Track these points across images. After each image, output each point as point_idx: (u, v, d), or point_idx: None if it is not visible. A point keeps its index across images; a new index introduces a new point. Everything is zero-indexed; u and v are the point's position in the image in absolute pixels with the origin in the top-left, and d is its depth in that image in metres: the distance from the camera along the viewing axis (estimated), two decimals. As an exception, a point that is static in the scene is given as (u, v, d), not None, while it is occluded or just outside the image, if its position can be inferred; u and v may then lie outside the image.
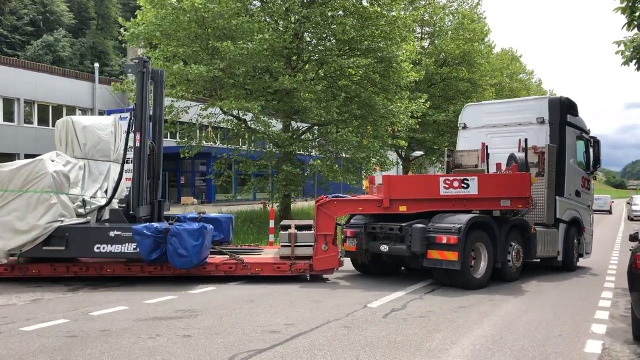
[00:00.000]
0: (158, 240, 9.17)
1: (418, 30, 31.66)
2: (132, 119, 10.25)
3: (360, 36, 18.36)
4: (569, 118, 12.13)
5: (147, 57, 10.97)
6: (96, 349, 5.65)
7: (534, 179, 11.02)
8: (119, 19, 19.75)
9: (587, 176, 12.98)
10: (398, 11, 20.03)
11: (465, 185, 9.87)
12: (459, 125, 13.28)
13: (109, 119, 11.60)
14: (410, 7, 28.34)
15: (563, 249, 11.90)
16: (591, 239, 13.35)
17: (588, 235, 13.02)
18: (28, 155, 28.31)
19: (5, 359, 5.34)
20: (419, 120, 24.42)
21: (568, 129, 12.09)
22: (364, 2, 19.05)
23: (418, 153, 35.75)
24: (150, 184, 10.28)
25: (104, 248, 9.35)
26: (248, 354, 5.56)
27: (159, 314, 7.27)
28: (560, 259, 11.86)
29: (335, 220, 10.12)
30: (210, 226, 9.86)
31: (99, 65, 34.49)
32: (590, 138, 13.00)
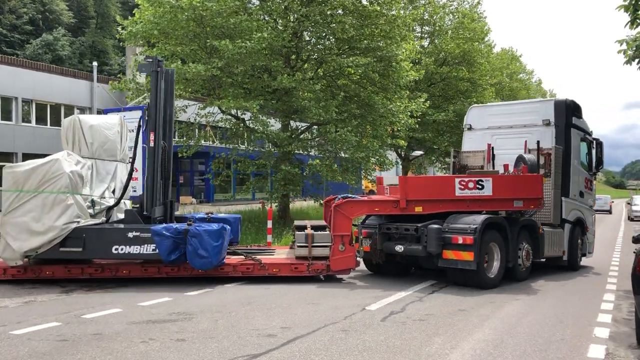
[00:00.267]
0: (177, 241, 9.09)
1: (418, 29, 31.55)
2: (146, 118, 10.15)
3: (360, 35, 18.23)
4: (573, 120, 12.21)
5: (161, 57, 10.88)
6: (87, 353, 5.52)
7: (544, 179, 11.10)
8: (117, 17, 19.61)
9: (590, 177, 13.11)
10: (398, 10, 19.92)
11: (480, 187, 9.99)
12: (465, 127, 13.34)
13: (115, 118, 11.44)
14: (410, 6, 28.27)
15: (568, 249, 12.01)
16: (593, 238, 13.52)
17: (590, 235, 13.19)
18: (26, 155, 28.39)
19: (-7, 364, 5.21)
20: (419, 119, 24.30)
21: (573, 131, 12.17)
22: (364, 1, 18.90)
23: (417, 153, 35.62)
24: (162, 184, 10.18)
25: (122, 249, 9.21)
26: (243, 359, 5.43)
27: (153, 316, 7.13)
28: (565, 258, 11.97)
29: (352, 220, 10.16)
30: (228, 227, 9.79)
31: (98, 65, 34.37)
32: (594, 140, 13.08)
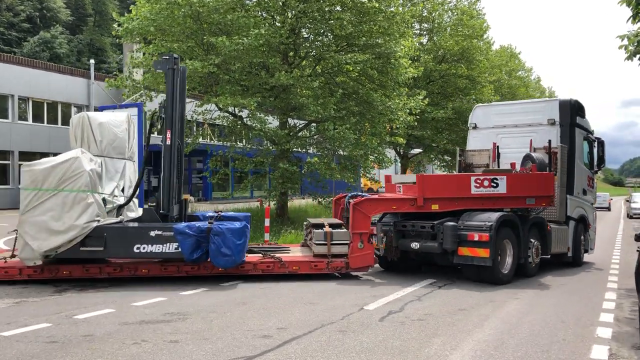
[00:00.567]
0: (200, 240, 9.03)
1: (417, 26, 31.35)
2: (162, 115, 10.05)
3: (358, 32, 18.04)
4: (577, 120, 12.41)
5: (177, 55, 10.82)
6: (76, 355, 5.37)
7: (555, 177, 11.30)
8: (114, 14, 19.43)
9: (592, 175, 13.34)
10: (396, 7, 19.74)
11: (494, 185, 10.22)
12: (470, 126, 13.55)
13: (122, 116, 11.30)
14: (409, 3, 28.07)
15: (572, 245, 12.27)
16: (594, 235, 13.86)
17: (592, 231, 13.46)
18: (22, 153, 28.25)
19: (-20, 367, 5.07)
20: (418, 117, 24.11)
21: (577, 130, 12.36)
22: (362, -2, 18.73)
23: (416, 150, 35.47)
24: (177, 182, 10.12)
25: (144, 248, 9.10)
26: (237, 361, 5.30)
27: (146, 317, 6.98)
28: (570, 254, 12.21)
29: (371, 218, 10.24)
30: (248, 225, 9.78)
31: (96, 63, 34.14)
32: (596, 139, 13.36)
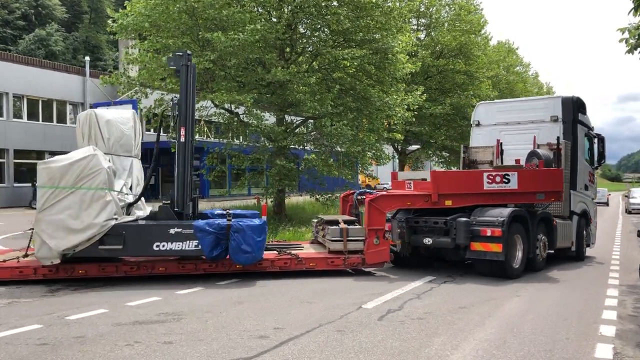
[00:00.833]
0: (219, 237, 8.99)
1: (414, 21, 31.23)
2: (176, 113, 9.91)
3: (355, 27, 17.88)
4: (579, 116, 12.49)
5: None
6: (67, 358, 5.21)
7: None
8: (109, 10, 19.24)
9: (593, 171, 13.46)
10: (393, 2, 19.61)
11: (506, 180, 10.32)
12: (473, 123, 13.63)
13: (128, 113, 11.14)
14: (406, -2, 27.89)
15: (575, 240, 12.38)
16: (595, 230, 14.00)
17: (593, 226, 13.59)
18: (17, 151, 28.05)
19: (-33, 370, 4.91)
20: (415, 113, 23.97)
21: (579, 126, 12.44)
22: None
23: (414, 147, 35.34)
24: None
25: (164, 246, 8.98)
26: (232, 363, 5.16)
27: (140, 317, 6.82)
28: (574, 249, 12.35)
29: (386, 214, 10.22)
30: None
31: (92, 60, 33.93)
32: (596, 135, 13.48)
